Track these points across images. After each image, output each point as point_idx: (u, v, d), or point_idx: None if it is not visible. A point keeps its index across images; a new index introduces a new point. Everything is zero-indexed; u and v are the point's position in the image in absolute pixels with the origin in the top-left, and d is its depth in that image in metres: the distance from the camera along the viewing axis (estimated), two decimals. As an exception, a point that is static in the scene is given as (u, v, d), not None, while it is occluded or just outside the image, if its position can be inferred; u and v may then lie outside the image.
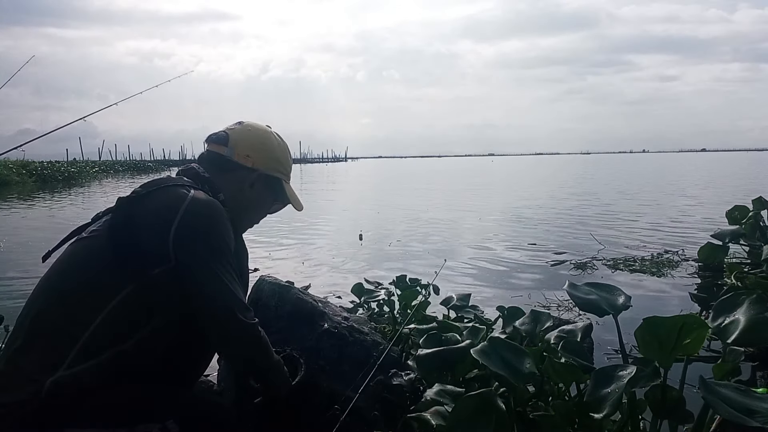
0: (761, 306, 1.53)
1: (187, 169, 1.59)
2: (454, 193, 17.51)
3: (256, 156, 1.62)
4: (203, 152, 1.65)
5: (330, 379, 1.97)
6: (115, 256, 1.32)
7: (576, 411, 1.47)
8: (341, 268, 5.49)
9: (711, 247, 4.77)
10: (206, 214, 1.38)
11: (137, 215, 1.36)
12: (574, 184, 21.24)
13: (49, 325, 1.28)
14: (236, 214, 1.58)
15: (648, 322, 1.39)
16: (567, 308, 3.75)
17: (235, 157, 1.60)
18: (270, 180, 1.66)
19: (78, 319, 1.26)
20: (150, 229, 1.33)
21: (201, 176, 1.55)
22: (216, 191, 1.53)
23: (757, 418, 1.12)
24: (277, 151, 1.69)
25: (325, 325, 2.11)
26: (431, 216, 10.16)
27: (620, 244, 6.38)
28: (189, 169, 1.58)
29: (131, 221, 1.35)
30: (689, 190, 15.84)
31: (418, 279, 3.23)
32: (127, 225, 1.35)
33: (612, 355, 2.82)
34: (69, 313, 1.28)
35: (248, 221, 1.71)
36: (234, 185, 1.60)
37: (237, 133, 1.63)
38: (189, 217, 1.34)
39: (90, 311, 1.27)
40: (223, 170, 1.59)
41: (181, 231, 1.32)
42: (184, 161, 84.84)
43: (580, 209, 10.81)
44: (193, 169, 1.58)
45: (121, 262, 1.31)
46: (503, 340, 1.75)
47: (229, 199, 1.55)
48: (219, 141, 1.62)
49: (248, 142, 1.63)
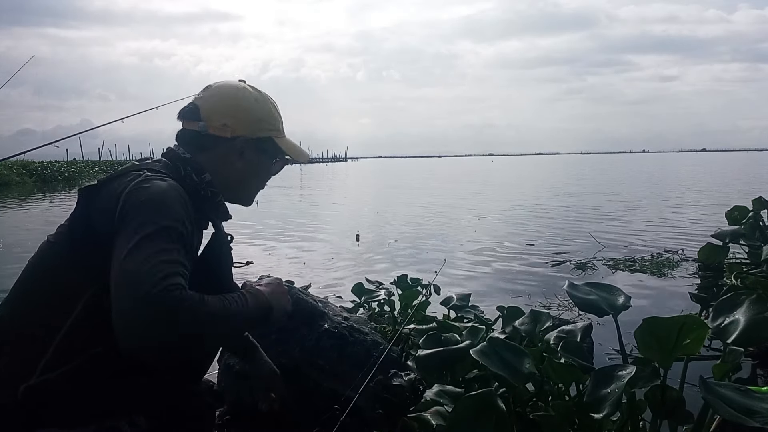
0: (761, 306, 1.53)
1: (168, 152, 1.44)
2: (454, 193, 17.51)
3: (234, 123, 1.42)
4: (179, 131, 1.47)
5: (330, 379, 1.97)
6: (76, 254, 1.23)
7: (576, 411, 1.47)
8: (341, 268, 5.49)
9: (711, 248, 4.77)
10: (148, 190, 1.20)
11: (93, 208, 1.24)
12: (574, 184, 21.23)
13: (20, 331, 1.21)
14: (234, 189, 1.47)
15: (648, 322, 1.39)
16: (567, 308, 3.75)
17: (211, 130, 1.40)
18: (259, 142, 1.47)
19: (48, 324, 1.18)
20: (102, 221, 1.20)
21: (182, 157, 1.39)
22: (200, 171, 1.37)
23: (757, 418, 1.12)
24: (255, 109, 1.46)
25: (325, 325, 2.11)
26: (431, 216, 10.16)
27: (620, 244, 6.38)
28: (169, 152, 1.43)
29: (87, 214, 1.24)
30: (689, 190, 15.84)
31: (419, 279, 3.24)
32: (84, 219, 1.24)
33: (612, 355, 2.82)
34: (39, 317, 1.20)
35: (251, 191, 1.55)
36: (219, 161, 1.42)
37: (206, 102, 1.43)
38: (129, 196, 1.19)
39: (59, 315, 1.18)
40: (203, 148, 1.41)
41: (123, 206, 1.18)
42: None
43: (579, 209, 10.81)
44: (172, 150, 1.42)
45: (81, 260, 1.21)
46: (503, 340, 1.75)
47: (218, 177, 1.40)
48: (190, 117, 1.43)
49: (221, 109, 1.42)
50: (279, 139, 1.51)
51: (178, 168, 1.36)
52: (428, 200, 14.55)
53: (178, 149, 1.41)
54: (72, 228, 1.26)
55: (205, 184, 1.37)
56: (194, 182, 1.36)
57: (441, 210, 11.44)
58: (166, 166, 1.35)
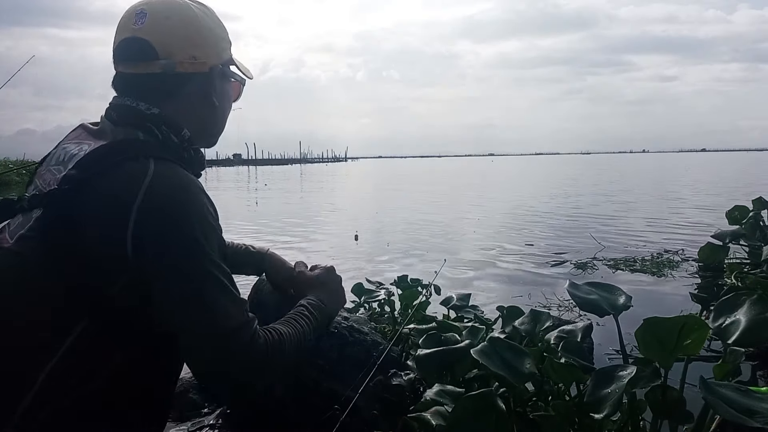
0: (762, 306, 1.52)
1: (122, 111, 1.12)
2: (454, 193, 17.51)
3: (202, 52, 1.17)
4: (119, 77, 1.15)
5: (330, 379, 1.96)
6: (59, 278, 0.97)
7: (576, 411, 1.47)
8: (341, 268, 5.46)
9: (711, 248, 4.77)
10: (176, 197, 1.00)
11: (80, 213, 0.98)
12: (574, 184, 21.23)
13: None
14: (207, 132, 1.26)
15: (648, 322, 1.39)
16: (567, 308, 3.75)
17: (179, 67, 1.13)
18: (226, 66, 1.25)
19: (30, 360, 0.97)
20: (99, 232, 0.97)
21: (148, 115, 1.11)
22: (178, 128, 1.14)
23: (757, 419, 1.11)
24: (214, 27, 1.21)
25: (325, 325, 2.11)
26: (431, 216, 10.16)
27: (620, 244, 6.38)
28: (125, 110, 1.12)
29: (72, 223, 0.98)
30: (689, 190, 15.84)
31: (420, 279, 3.24)
32: (68, 230, 0.98)
33: (612, 355, 2.82)
34: (18, 352, 0.99)
35: (221, 128, 1.31)
36: (191, 104, 1.18)
37: (159, 33, 1.12)
38: (151, 205, 0.97)
39: (42, 351, 0.97)
40: (169, 94, 1.14)
41: (142, 227, 0.97)
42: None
43: (579, 209, 10.81)
44: (129, 108, 1.12)
45: (67, 285, 0.98)
46: (503, 340, 1.75)
47: (192, 125, 1.18)
48: (142, 56, 1.11)
49: (182, 38, 1.14)
50: (233, 56, 1.28)
51: (152, 131, 1.10)
52: (428, 200, 14.54)
53: (136, 103, 1.12)
54: (49, 244, 0.99)
55: (186, 143, 1.16)
56: (175, 145, 1.13)
57: (441, 210, 11.43)
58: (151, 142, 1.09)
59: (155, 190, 0.99)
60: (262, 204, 14.08)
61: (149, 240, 0.98)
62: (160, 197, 1.00)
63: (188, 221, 1.00)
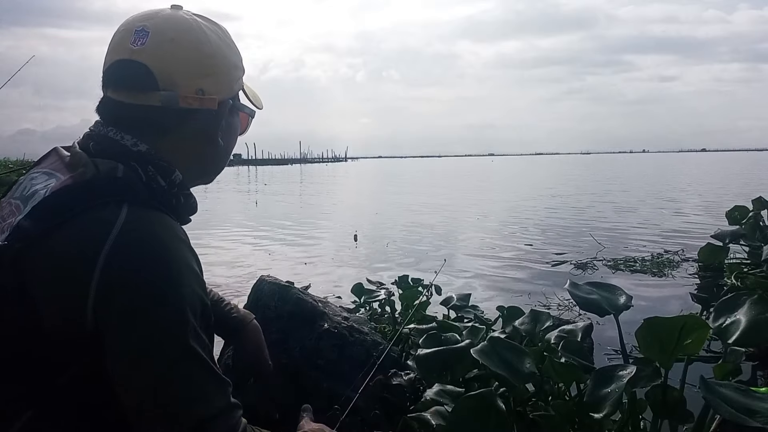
0: (762, 306, 1.53)
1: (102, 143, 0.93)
2: (454, 194, 17.51)
3: (212, 85, 0.97)
4: (108, 103, 0.96)
5: (330, 379, 1.96)
6: (3, 357, 0.81)
7: (576, 411, 1.47)
8: (341, 268, 5.49)
9: (711, 248, 4.77)
10: (151, 257, 0.81)
11: (31, 280, 0.79)
12: (574, 184, 21.23)
13: None
14: (204, 171, 1.07)
15: (649, 322, 1.39)
16: (567, 308, 3.75)
17: (182, 102, 0.93)
18: (236, 98, 1.06)
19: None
20: (52, 305, 0.78)
21: (134, 153, 0.92)
22: (167, 171, 0.95)
23: (757, 418, 1.11)
24: (228, 53, 1.01)
25: (325, 325, 2.11)
26: (431, 216, 10.16)
27: (620, 245, 6.38)
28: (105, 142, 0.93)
29: (21, 293, 0.79)
30: (689, 191, 15.84)
31: (420, 279, 3.24)
32: (12, 302, 0.79)
33: (612, 355, 2.82)
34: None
35: (223, 166, 1.12)
36: (190, 143, 0.99)
37: (161, 59, 0.92)
38: (119, 268, 0.78)
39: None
40: (168, 131, 0.96)
41: (106, 298, 0.78)
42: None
43: (579, 209, 10.81)
44: (112, 142, 0.93)
45: (11, 369, 0.81)
46: (503, 339, 1.75)
47: (187, 165, 1.00)
48: (140, 85, 0.92)
49: (188, 66, 0.94)
50: (246, 88, 1.10)
51: (136, 171, 0.91)
52: (428, 200, 14.54)
53: (121, 136, 0.93)
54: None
55: (176, 189, 0.97)
56: (160, 189, 0.94)
57: (441, 210, 11.43)
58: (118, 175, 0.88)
59: (124, 249, 0.79)
60: (262, 204, 14.08)
61: (116, 313, 0.78)
62: (131, 257, 0.79)
63: (167, 287, 0.80)
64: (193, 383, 0.81)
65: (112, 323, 0.79)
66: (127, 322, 0.79)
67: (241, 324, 1.38)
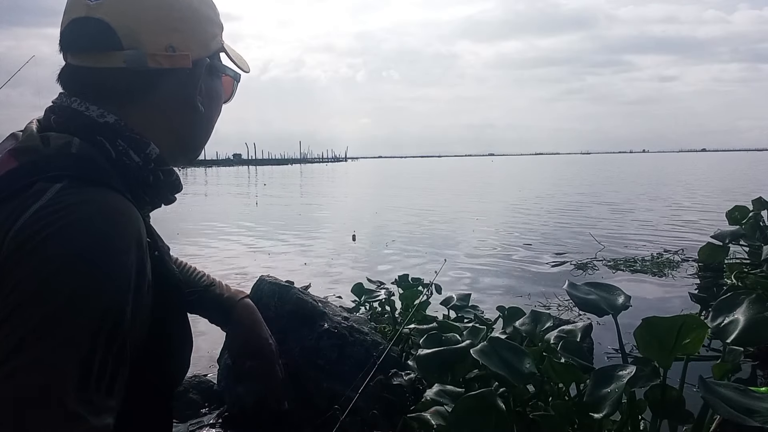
0: (761, 305, 1.53)
1: (65, 115, 0.83)
2: (454, 194, 17.51)
3: (184, 40, 0.85)
4: (68, 71, 0.87)
5: (330, 379, 1.97)
6: None
7: (576, 411, 1.47)
8: (341, 268, 5.49)
9: (711, 248, 4.77)
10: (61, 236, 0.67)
11: None
12: (574, 184, 21.23)
13: None
14: (186, 146, 0.95)
15: (647, 322, 1.39)
16: (567, 308, 3.75)
17: (150, 61, 0.82)
18: (215, 57, 0.95)
19: None
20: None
21: (100, 124, 0.81)
22: (141, 144, 0.84)
23: (756, 418, 1.12)
24: (200, 4, 0.90)
25: (325, 325, 2.11)
26: (431, 216, 10.16)
27: (620, 245, 6.38)
28: (68, 114, 0.83)
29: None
30: (689, 190, 15.84)
31: (421, 279, 3.24)
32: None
33: (612, 355, 2.82)
34: None
35: (207, 138, 1.00)
36: (169, 112, 0.88)
37: (123, 14, 0.81)
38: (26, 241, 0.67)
39: None
40: (137, 96, 0.85)
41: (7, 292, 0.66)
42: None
43: (579, 209, 10.81)
44: (76, 113, 0.82)
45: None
46: (503, 340, 1.75)
47: (169, 140, 0.89)
48: (100, 44, 0.81)
49: (155, 20, 0.83)
50: (227, 48, 0.98)
51: (103, 147, 0.80)
52: (428, 200, 14.54)
53: (86, 107, 0.82)
54: None
55: (152, 164, 0.85)
56: (134, 166, 0.83)
57: (441, 210, 11.43)
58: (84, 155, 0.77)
59: (41, 219, 0.67)
60: (262, 204, 14.08)
61: (9, 287, 0.65)
62: (44, 227, 0.66)
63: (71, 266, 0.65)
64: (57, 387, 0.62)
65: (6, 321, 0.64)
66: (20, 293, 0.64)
67: (230, 303, 1.22)
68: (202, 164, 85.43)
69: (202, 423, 2.13)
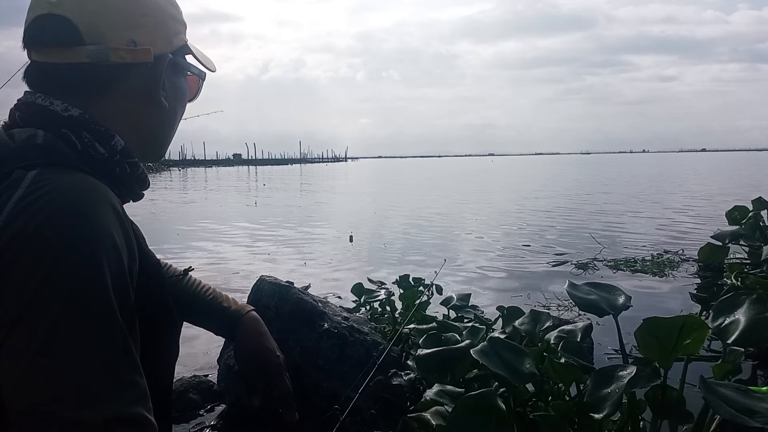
0: (761, 306, 1.53)
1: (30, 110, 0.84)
2: (454, 194, 17.52)
3: (146, 35, 0.87)
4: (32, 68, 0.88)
5: (330, 379, 1.97)
6: None
7: (576, 411, 1.47)
8: (341, 268, 5.49)
9: (711, 248, 4.77)
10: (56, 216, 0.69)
11: None
12: (574, 183, 21.24)
13: None
14: (151, 141, 0.96)
15: (648, 322, 1.39)
16: (567, 308, 3.75)
17: (113, 56, 0.83)
18: (177, 56, 0.95)
19: None
20: None
21: (66, 118, 0.82)
22: (105, 136, 0.84)
23: (757, 418, 1.11)
24: (161, 1, 0.92)
25: (325, 325, 2.11)
26: (431, 216, 10.16)
27: (621, 245, 6.38)
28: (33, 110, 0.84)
29: None
30: (689, 191, 15.84)
31: (421, 279, 3.24)
32: None
33: (612, 355, 2.82)
34: None
35: (172, 134, 1.01)
36: (133, 106, 0.89)
37: (85, 10, 0.83)
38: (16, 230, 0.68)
39: None
40: (101, 91, 0.86)
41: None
42: (184, 161, 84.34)
43: (580, 209, 10.81)
44: (40, 108, 0.83)
45: None
46: (503, 340, 1.75)
47: (131, 132, 0.89)
48: (63, 40, 0.82)
49: (117, 15, 0.85)
50: (191, 46, 0.99)
51: (68, 139, 0.81)
52: (428, 200, 14.54)
53: (50, 102, 0.83)
54: None
55: (118, 156, 0.86)
56: (100, 158, 0.84)
57: (441, 210, 11.43)
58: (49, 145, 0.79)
59: (26, 209, 0.69)
60: (261, 204, 14.08)
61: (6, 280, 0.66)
62: (31, 218, 0.68)
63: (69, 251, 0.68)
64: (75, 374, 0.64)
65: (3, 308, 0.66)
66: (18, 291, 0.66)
67: (236, 316, 1.23)
68: (202, 164, 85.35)
69: (202, 423, 2.13)
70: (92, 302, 0.68)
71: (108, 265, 0.70)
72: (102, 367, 0.67)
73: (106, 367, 0.67)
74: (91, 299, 0.68)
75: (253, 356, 1.20)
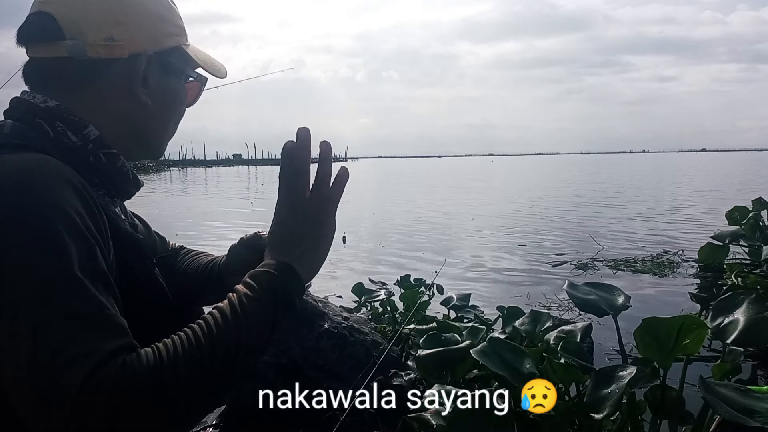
0: (760, 306, 1.53)
1: (13, 104, 0.89)
2: (454, 194, 17.51)
3: (125, 32, 0.89)
4: (28, 65, 0.91)
5: (330, 379, 1.97)
6: None
7: (576, 411, 1.47)
8: (341, 268, 5.49)
9: (711, 248, 4.77)
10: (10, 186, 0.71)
11: None
12: (574, 184, 21.23)
13: None
14: (137, 139, 0.96)
15: (647, 322, 1.39)
16: (567, 308, 3.75)
17: (89, 50, 0.87)
18: (165, 57, 0.95)
19: None
20: None
21: (41, 108, 0.86)
22: (78, 125, 0.87)
23: (756, 418, 1.12)
24: (150, 3, 0.94)
25: (325, 325, 2.11)
26: (431, 216, 10.16)
27: (621, 245, 6.38)
28: (15, 103, 0.89)
29: None
30: (689, 191, 15.84)
31: (422, 279, 3.24)
32: None
33: (612, 355, 2.82)
34: None
35: (163, 135, 1.01)
36: (107, 100, 0.91)
37: (67, 7, 0.87)
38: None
39: None
40: (82, 84, 0.89)
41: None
42: (184, 161, 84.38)
43: (580, 209, 10.82)
44: (21, 102, 0.88)
45: None
46: (503, 340, 1.75)
47: (110, 126, 0.90)
48: (45, 35, 0.87)
49: (98, 12, 0.88)
50: (188, 48, 0.99)
51: (41, 128, 0.84)
52: (428, 201, 14.54)
53: (32, 96, 0.88)
54: None
55: (91, 145, 0.87)
56: (73, 146, 0.86)
57: (441, 210, 11.43)
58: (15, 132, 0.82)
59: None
60: (259, 204, 14.07)
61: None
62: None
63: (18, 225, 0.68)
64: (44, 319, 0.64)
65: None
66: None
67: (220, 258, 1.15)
68: (202, 164, 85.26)
69: (203, 423, 2.13)
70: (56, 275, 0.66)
71: (68, 233, 0.69)
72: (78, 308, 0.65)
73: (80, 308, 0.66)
74: (53, 271, 0.66)
75: None
